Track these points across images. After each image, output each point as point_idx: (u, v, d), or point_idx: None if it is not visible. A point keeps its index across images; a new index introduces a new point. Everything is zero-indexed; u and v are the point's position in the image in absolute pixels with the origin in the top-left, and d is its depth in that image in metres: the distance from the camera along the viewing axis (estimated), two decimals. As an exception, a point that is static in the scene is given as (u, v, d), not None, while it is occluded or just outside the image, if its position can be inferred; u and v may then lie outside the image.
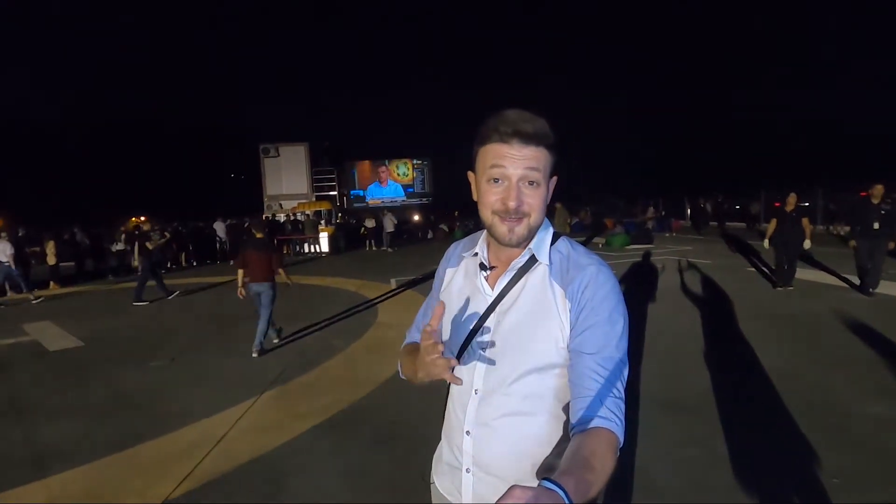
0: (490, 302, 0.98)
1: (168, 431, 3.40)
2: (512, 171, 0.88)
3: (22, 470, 2.96)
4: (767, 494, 2.43)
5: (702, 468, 2.70)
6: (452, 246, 1.17)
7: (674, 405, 3.49)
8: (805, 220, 6.99)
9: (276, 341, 5.69)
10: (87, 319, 7.55)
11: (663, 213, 21.85)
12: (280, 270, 5.50)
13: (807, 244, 7.05)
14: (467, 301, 1.03)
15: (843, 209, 18.48)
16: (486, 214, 0.93)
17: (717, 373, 4.09)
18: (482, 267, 1.02)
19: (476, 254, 1.04)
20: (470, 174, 0.99)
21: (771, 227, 7.36)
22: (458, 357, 1.02)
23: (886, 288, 6.84)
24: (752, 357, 4.41)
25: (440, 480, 1.09)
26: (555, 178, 0.95)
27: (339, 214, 20.29)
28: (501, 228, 0.91)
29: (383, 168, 33.47)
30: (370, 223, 19.69)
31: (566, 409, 0.93)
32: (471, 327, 0.99)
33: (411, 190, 34.18)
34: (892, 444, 2.85)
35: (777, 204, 7.74)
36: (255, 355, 5.17)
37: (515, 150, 0.87)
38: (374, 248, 18.36)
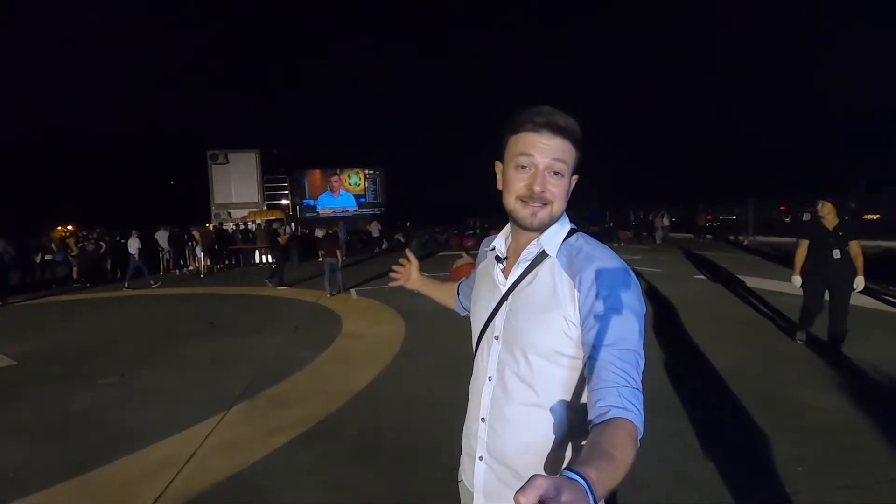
0: (504, 292, 1.02)
1: (130, 452, 3.15)
2: (539, 159, 0.93)
3: (-39, 502, 2.66)
4: (740, 483, 2.58)
5: (680, 462, 2.84)
6: (483, 242, 1.22)
7: (647, 405, 3.63)
8: (855, 246, 4.33)
9: (338, 290, 9.41)
10: (17, 336, 6.91)
11: (612, 223, 22.82)
12: (338, 252, 9.39)
13: (859, 283, 4.32)
14: (486, 292, 1.08)
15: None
16: (509, 200, 0.98)
17: (679, 375, 4.31)
18: (497, 259, 1.07)
19: (494, 247, 1.10)
20: (497, 164, 1.03)
21: (801, 253, 4.61)
22: (476, 346, 1.09)
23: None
24: (709, 359, 4.67)
25: (464, 474, 1.11)
26: (576, 177, 1.00)
27: (294, 225, 19.77)
28: (524, 212, 0.95)
29: (335, 177, 32.96)
30: (320, 233, 19.39)
31: (578, 401, 0.94)
32: (486, 316, 1.04)
33: (363, 200, 33.84)
34: (844, 432, 3.11)
35: (796, 211, 5.81)
36: (329, 294, 9.21)
37: (545, 140, 0.92)
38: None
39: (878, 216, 17.21)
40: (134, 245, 11.79)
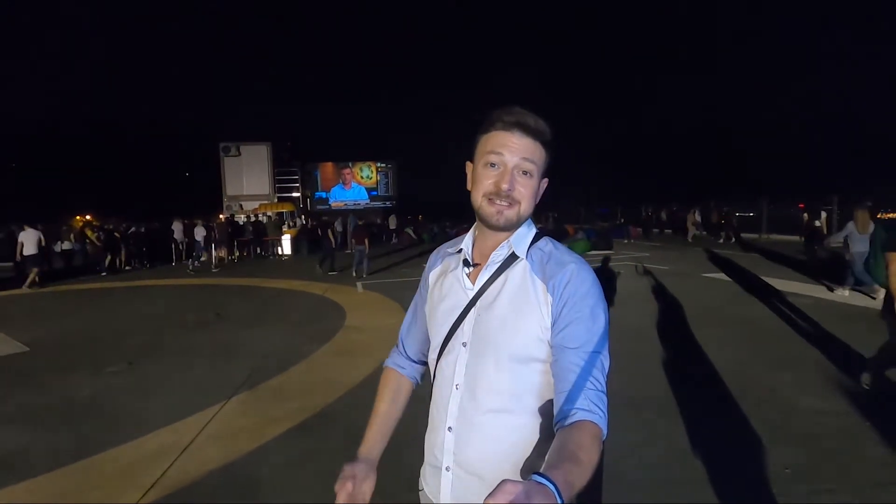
0: (471, 297, 0.99)
1: (131, 438, 3.26)
2: (509, 157, 0.92)
3: (-31, 483, 2.77)
4: (726, 485, 2.58)
5: (666, 463, 2.85)
6: (437, 249, 1.19)
7: (637, 405, 3.65)
8: None
9: (363, 276, 10.78)
10: (31, 323, 7.11)
11: (622, 220, 22.63)
12: (366, 241, 11.11)
13: None
14: (450, 296, 1.04)
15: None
16: (476, 197, 0.96)
17: (675, 374, 4.30)
18: (465, 263, 1.03)
19: (460, 250, 1.06)
20: (468, 164, 1.02)
21: None
22: (440, 352, 1.03)
23: (828, 294, 7.38)
24: (707, 359, 4.65)
25: (426, 486, 1.08)
26: (545, 181, 0.99)
27: (304, 217, 19.99)
28: (490, 209, 0.94)
29: (347, 170, 33.15)
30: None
31: (548, 408, 0.93)
32: (452, 322, 1.01)
33: (375, 193, 34.01)
34: (835, 436, 3.10)
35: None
36: (355, 275, 10.82)
37: (516, 139, 0.92)
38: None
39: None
40: (200, 233, 13.80)
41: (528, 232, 1.01)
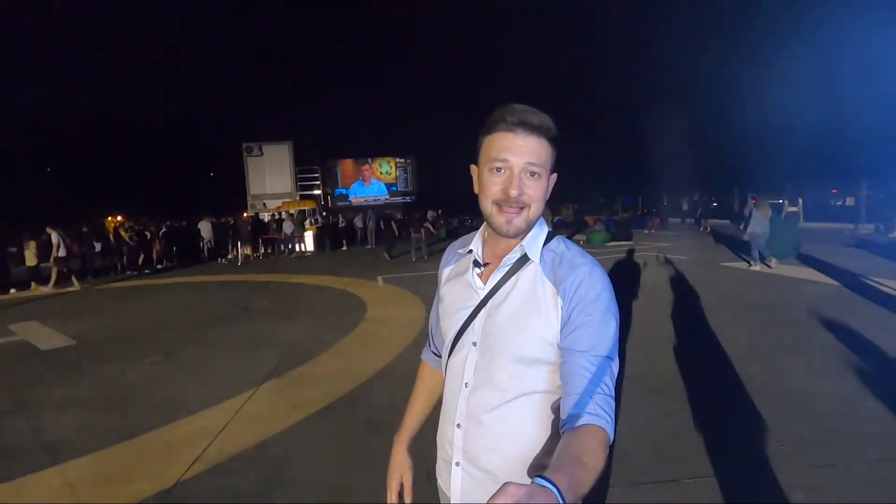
0: (482, 297, 1.00)
1: (172, 421, 3.57)
2: (515, 160, 0.89)
3: (34, 458, 3.11)
4: (723, 459, 2.73)
5: (663, 439, 3.01)
6: (451, 245, 1.19)
7: (646, 386, 3.79)
8: None
9: (415, 260, 12.54)
10: (74, 319, 7.58)
11: (644, 210, 22.40)
12: (422, 230, 12.85)
13: None
14: (461, 296, 1.05)
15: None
16: (485, 204, 0.95)
17: (686, 358, 4.41)
18: (476, 263, 1.04)
19: (470, 250, 1.06)
20: (473, 167, 1.00)
21: None
22: (451, 351, 1.06)
23: (845, 280, 7.31)
24: (718, 344, 4.74)
25: (440, 478, 1.11)
26: (554, 175, 0.97)
27: (324, 213, 20.47)
28: (499, 219, 0.93)
29: (366, 166, 33.53)
30: (342, 223, 20.10)
31: (555, 407, 0.94)
32: (462, 322, 1.02)
33: (395, 188, 34.33)
34: (836, 417, 3.20)
35: None
36: (414, 259, 12.52)
37: (520, 140, 0.89)
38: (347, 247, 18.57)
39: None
40: (289, 227, 16.14)
41: (540, 232, 1.00)
